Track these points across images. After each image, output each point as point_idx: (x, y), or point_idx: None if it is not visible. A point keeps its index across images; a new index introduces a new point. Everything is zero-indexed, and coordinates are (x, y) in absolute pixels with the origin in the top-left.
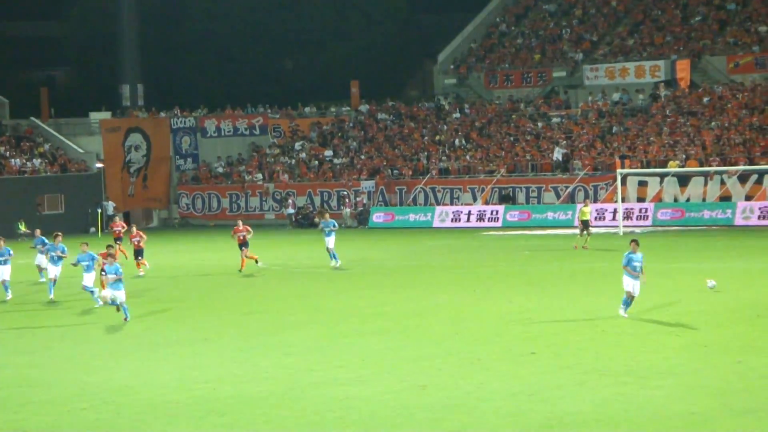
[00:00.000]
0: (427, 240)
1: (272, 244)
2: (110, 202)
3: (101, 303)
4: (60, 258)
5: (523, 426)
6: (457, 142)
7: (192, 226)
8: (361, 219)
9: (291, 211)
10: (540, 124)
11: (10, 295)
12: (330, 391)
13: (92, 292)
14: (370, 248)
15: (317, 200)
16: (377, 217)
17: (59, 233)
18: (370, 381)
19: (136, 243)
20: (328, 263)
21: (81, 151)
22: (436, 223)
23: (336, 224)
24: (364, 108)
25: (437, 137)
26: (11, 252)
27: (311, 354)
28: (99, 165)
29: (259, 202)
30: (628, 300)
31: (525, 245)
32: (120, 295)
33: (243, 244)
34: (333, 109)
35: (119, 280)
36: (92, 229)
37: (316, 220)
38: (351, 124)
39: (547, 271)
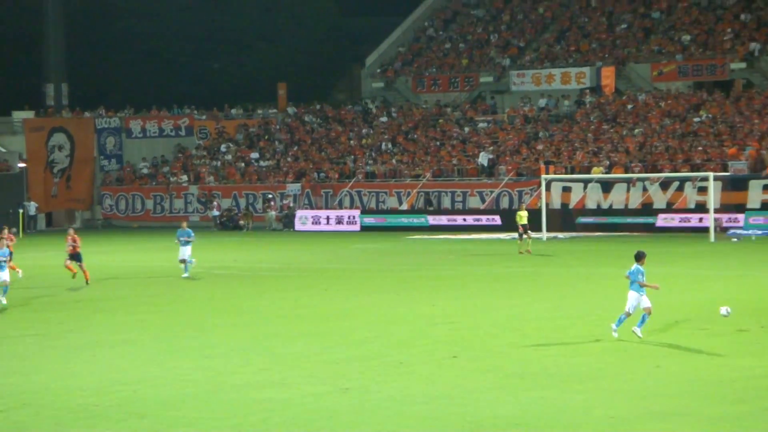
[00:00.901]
0: (354, 243)
1: (196, 246)
2: (32, 203)
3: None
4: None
5: (443, 430)
6: (383, 145)
7: (115, 227)
8: (286, 222)
9: (216, 213)
10: (466, 129)
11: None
12: (252, 394)
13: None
14: (295, 251)
15: (242, 202)
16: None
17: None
18: (293, 384)
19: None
20: (252, 266)
21: (3, 150)
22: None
23: (192, 234)
24: (291, 110)
25: (364, 141)
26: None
27: (234, 356)
28: (21, 165)
29: (183, 203)
30: (624, 317)
31: (450, 249)
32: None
33: (74, 255)
34: (260, 111)
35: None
36: (14, 230)
37: (242, 222)
38: (278, 127)
39: (471, 275)
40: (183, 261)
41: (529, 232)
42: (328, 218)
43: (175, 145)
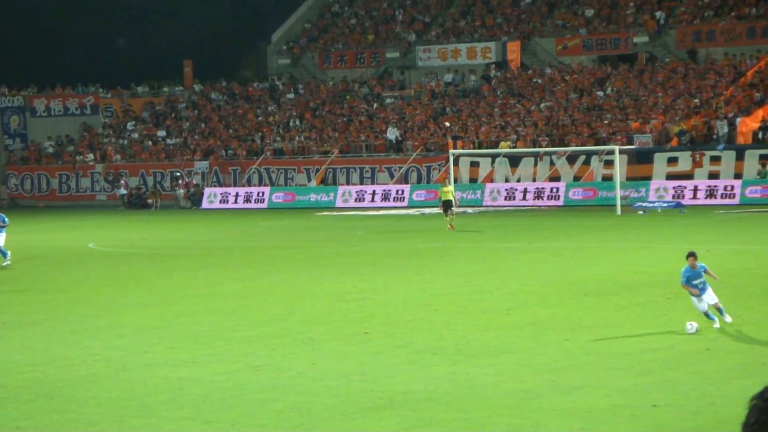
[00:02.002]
0: (262, 221)
1: (105, 225)
2: None
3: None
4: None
5: (354, 406)
6: (291, 122)
7: (21, 207)
8: (195, 200)
9: (123, 191)
10: (374, 105)
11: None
12: (162, 373)
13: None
14: (204, 229)
15: (150, 181)
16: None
17: None
18: (203, 362)
19: None
20: (161, 245)
21: None
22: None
23: (6, 220)
24: (197, 88)
25: (271, 118)
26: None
27: (144, 335)
28: None
29: (90, 182)
30: (710, 314)
31: (358, 225)
32: None
33: None
34: (166, 89)
35: None
36: None
37: (150, 200)
38: (184, 104)
39: (381, 251)
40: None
41: (453, 208)
42: (236, 196)
43: (81, 124)
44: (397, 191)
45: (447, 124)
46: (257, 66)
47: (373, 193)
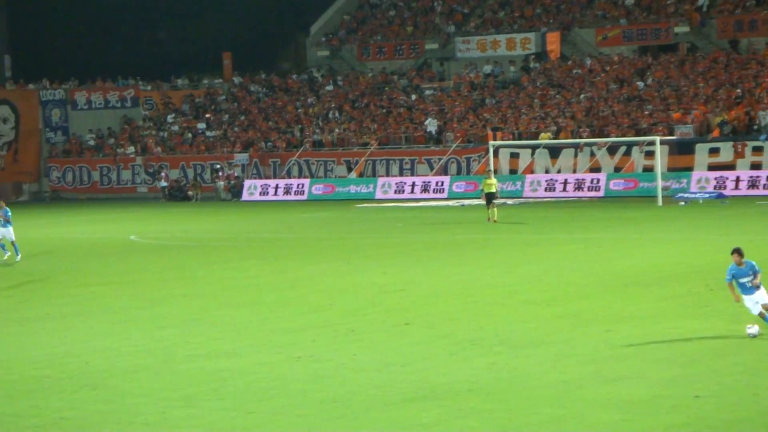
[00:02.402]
0: (302, 212)
1: (145, 218)
2: None
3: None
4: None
5: (395, 396)
6: (330, 114)
7: (63, 199)
8: (235, 192)
9: (164, 184)
10: (413, 97)
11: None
12: (205, 364)
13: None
14: (244, 221)
15: (190, 173)
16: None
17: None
18: (245, 353)
19: None
20: (202, 236)
21: None
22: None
23: (10, 213)
24: (236, 80)
25: (310, 110)
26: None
27: (186, 326)
28: None
29: (131, 175)
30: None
31: (398, 217)
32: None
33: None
34: (205, 82)
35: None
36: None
37: (190, 192)
38: (224, 97)
39: (421, 243)
40: (12, 243)
41: (495, 201)
42: (276, 188)
43: (121, 117)
44: (437, 183)
45: (486, 114)
46: (296, 58)
47: (413, 185)
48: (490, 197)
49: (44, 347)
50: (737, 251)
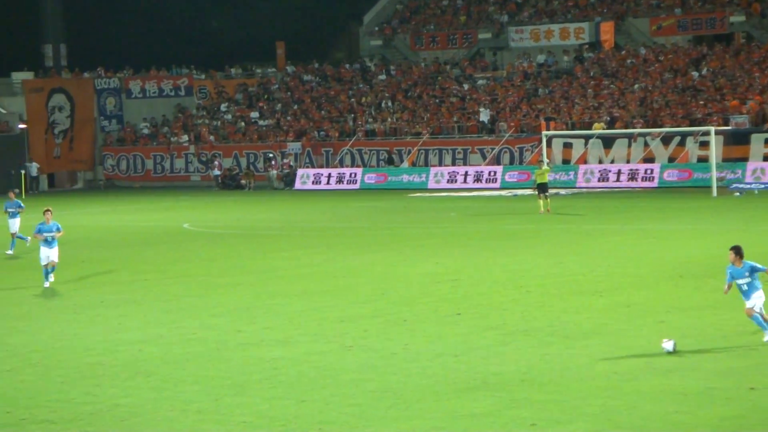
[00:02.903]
0: (354, 202)
1: (199, 206)
2: (34, 164)
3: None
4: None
5: (447, 386)
6: (383, 104)
7: (117, 187)
8: (288, 181)
9: (217, 172)
10: (465, 86)
11: (11, 251)
12: (257, 352)
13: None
14: (297, 210)
15: (243, 162)
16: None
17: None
18: (297, 342)
19: None
20: (255, 225)
21: (3, 111)
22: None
23: (22, 205)
24: (290, 69)
25: (363, 99)
26: (60, 228)
27: (238, 315)
28: (22, 126)
29: (184, 163)
30: (757, 318)
31: (451, 207)
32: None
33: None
34: (259, 71)
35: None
36: (16, 191)
37: (243, 181)
38: (277, 86)
39: (473, 233)
40: (13, 234)
41: (548, 191)
42: (329, 177)
43: (175, 105)
44: (490, 172)
45: (539, 103)
46: (349, 47)
47: (466, 175)
48: (542, 187)
49: (98, 335)
50: (734, 249)
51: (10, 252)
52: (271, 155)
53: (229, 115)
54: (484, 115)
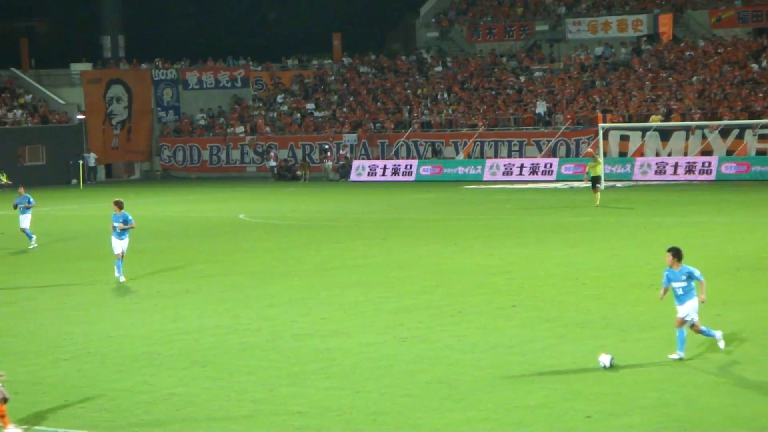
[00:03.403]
0: (409, 193)
1: (254, 197)
2: (92, 154)
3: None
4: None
5: (502, 378)
6: (439, 95)
7: (173, 178)
8: (343, 172)
9: (273, 163)
10: (522, 78)
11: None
12: (312, 343)
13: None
14: (351, 201)
15: (299, 153)
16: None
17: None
18: (352, 333)
19: None
20: (310, 216)
21: (62, 102)
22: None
23: (32, 200)
24: (346, 61)
25: (419, 91)
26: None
27: (293, 306)
28: (80, 116)
29: (240, 154)
30: (682, 332)
31: (506, 199)
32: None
33: None
34: (315, 62)
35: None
36: (74, 181)
37: (299, 172)
38: (333, 77)
39: (529, 225)
40: (23, 230)
41: (599, 185)
42: (384, 168)
43: (232, 96)
44: (546, 165)
45: (596, 96)
46: (405, 39)
47: (521, 167)
48: (596, 180)
49: (155, 324)
50: (671, 251)
51: (33, 245)
52: (326, 146)
53: (285, 107)
54: (541, 107)
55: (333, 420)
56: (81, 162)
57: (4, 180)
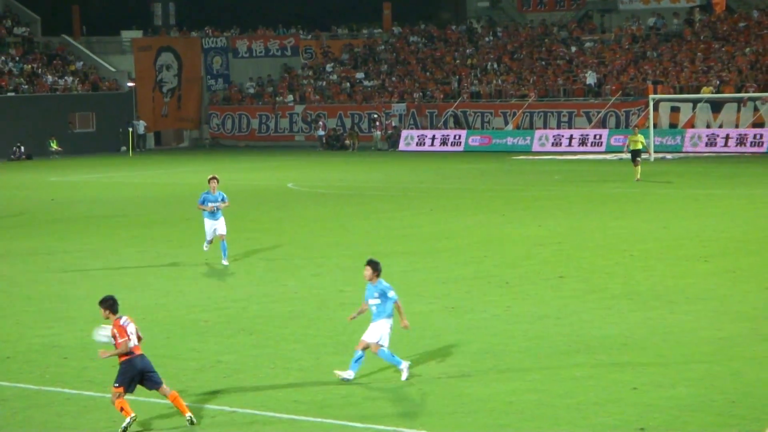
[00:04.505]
0: (458, 164)
1: (303, 166)
2: (141, 122)
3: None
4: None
5: (549, 349)
6: (488, 66)
7: (222, 146)
8: (392, 142)
9: (321, 132)
10: (573, 49)
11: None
12: None
13: None
14: (399, 171)
15: (348, 122)
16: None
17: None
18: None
19: None
20: (358, 185)
21: (112, 69)
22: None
23: (225, 197)
24: (396, 30)
25: (469, 61)
26: (225, 198)
27: (340, 275)
28: (130, 84)
29: (289, 123)
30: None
31: (555, 170)
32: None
33: None
34: (365, 31)
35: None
36: (123, 148)
37: (347, 142)
38: (383, 47)
39: (577, 196)
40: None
41: (639, 159)
42: (433, 138)
43: (281, 65)
44: (595, 136)
45: (647, 67)
46: (456, 9)
47: (571, 138)
48: (635, 154)
49: (203, 292)
50: (370, 264)
51: None
52: (375, 116)
53: (334, 76)
54: (591, 78)
55: (379, 389)
56: (131, 129)
57: (54, 147)
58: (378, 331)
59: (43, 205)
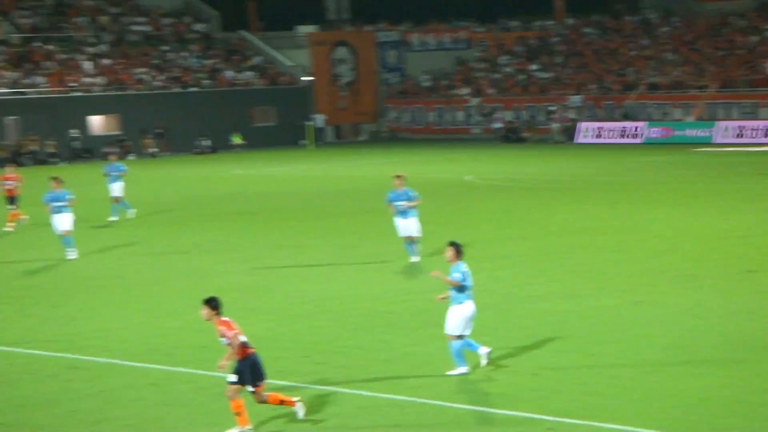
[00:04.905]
0: (637, 156)
1: (480, 159)
2: (320, 115)
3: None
4: None
5: (743, 345)
6: (665, 56)
7: (399, 139)
8: (569, 134)
9: (498, 125)
10: (754, 38)
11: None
12: (544, 305)
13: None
14: (578, 164)
15: (523, 115)
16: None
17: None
18: (584, 296)
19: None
20: (536, 178)
21: (290, 64)
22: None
23: (123, 167)
24: (569, 22)
25: (645, 52)
26: (413, 196)
27: (524, 268)
28: (304, 78)
29: (465, 116)
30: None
31: (740, 162)
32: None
33: (12, 198)
34: (537, 23)
35: None
36: (302, 142)
37: (525, 134)
38: (556, 39)
39: (765, 189)
40: (117, 199)
41: None
42: (611, 131)
43: (455, 58)
44: None
45: None
46: None
47: (755, 129)
48: None
49: (387, 284)
50: (452, 245)
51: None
52: (552, 108)
53: (508, 68)
54: None
55: (567, 381)
56: (308, 123)
57: (238, 140)
58: (450, 320)
59: (230, 198)
